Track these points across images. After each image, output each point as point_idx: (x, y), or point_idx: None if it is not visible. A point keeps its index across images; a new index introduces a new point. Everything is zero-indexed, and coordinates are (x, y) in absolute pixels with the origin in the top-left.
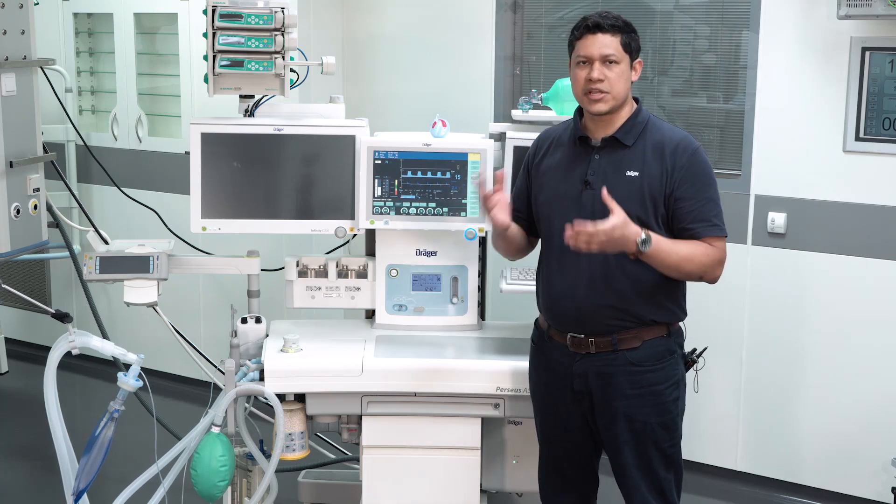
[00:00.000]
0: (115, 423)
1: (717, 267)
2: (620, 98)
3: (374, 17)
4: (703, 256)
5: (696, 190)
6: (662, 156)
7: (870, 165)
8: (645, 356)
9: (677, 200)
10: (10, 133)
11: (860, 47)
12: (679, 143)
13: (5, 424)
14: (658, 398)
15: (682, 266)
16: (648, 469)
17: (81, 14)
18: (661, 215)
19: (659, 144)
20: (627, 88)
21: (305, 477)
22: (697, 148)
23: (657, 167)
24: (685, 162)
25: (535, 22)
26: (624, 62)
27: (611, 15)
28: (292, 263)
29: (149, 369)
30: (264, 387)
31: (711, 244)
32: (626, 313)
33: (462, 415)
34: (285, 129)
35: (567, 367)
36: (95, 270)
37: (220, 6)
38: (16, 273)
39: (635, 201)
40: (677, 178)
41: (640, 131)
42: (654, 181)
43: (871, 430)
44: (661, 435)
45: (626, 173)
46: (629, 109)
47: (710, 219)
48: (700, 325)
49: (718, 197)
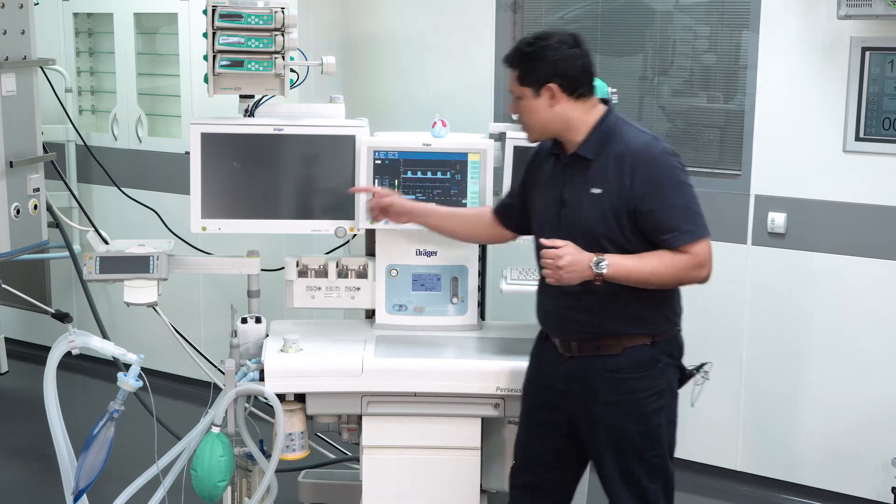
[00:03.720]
0: (115, 423)
1: (696, 270)
2: (539, 129)
3: (374, 17)
4: (674, 265)
5: (658, 201)
6: (622, 169)
7: (870, 165)
8: (625, 364)
9: (644, 215)
10: (10, 133)
11: (860, 47)
12: (637, 153)
13: (5, 424)
14: (637, 406)
15: (654, 279)
16: (630, 478)
17: (81, 14)
18: (630, 230)
19: (620, 156)
20: (545, 119)
21: (305, 477)
22: (657, 155)
23: (617, 182)
24: (644, 174)
25: (535, 22)
26: (526, 96)
27: (514, 46)
28: (292, 263)
29: (149, 369)
30: (264, 387)
31: (686, 251)
32: (599, 327)
33: (462, 415)
34: (285, 129)
35: (555, 369)
36: (95, 270)
37: (220, 6)
38: (16, 273)
39: (599, 219)
40: (638, 194)
41: (604, 141)
42: (615, 197)
43: (871, 430)
44: (642, 444)
45: (590, 190)
46: (589, 121)
47: (679, 227)
48: (700, 324)
49: (689, 198)
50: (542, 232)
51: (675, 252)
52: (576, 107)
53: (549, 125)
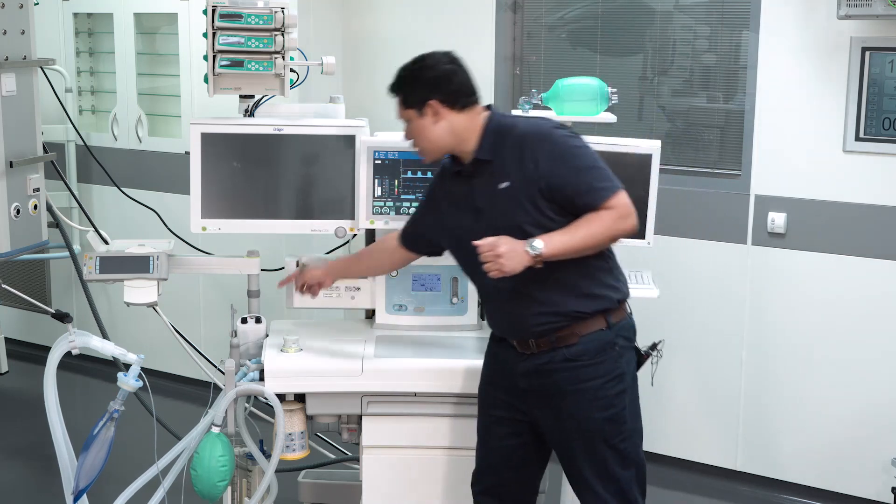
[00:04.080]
0: (115, 423)
1: (623, 221)
2: (434, 147)
3: (374, 17)
4: (601, 222)
5: (566, 171)
6: (521, 155)
7: (870, 165)
8: (581, 351)
9: (558, 189)
10: (10, 133)
11: (860, 47)
12: (530, 136)
13: (5, 424)
14: (598, 392)
15: (590, 241)
16: (602, 467)
17: (81, 14)
18: (547, 210)
19: (515, 145)
20: (436, 136)
21: (305, 477)
22: (550, 129)
23: (520, 169)
24: (543, 153)
25: (535, 22)
26: (412, 119)
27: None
28: (292, 263)
29: (149, 369)
30: (264, 387)
31: (608, 207)
32: (555, 316)
33: (462, 415)
34: (285, 129)
35: (513, 367)
36: (95, 270)
37: (220, 6)
38: (16, 273)
39: (516, 209)
40: (544, 171)
41: (496, 139)
42: (524, 183)
43: (871, 430)
44: (609, 430)
45: (498, 187)
46: (474, 131)
47: (594, 185)
48: (700, 324)
49: (592, 159)
50: (462, 246)
51: (598, 211)
52: (461, 118)
53: (440, 141)
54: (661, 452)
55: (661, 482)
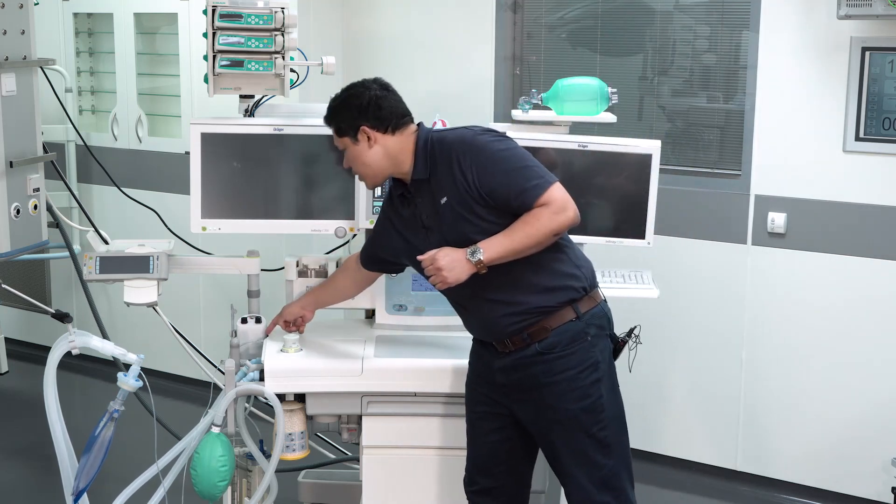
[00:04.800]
0: (115, 423)
1: (560, 215)
2: (371, 173)
3: (374, 17)
4: (538, 221)
5: (495, 174)
6: (451, 167)
7: (870, 165)
8: (553, 343)
9: (491, 193)
10: (10, 133)
11: (860, 47)
12: (455, 147)
13: (5, 424)
14: (573, 383)
15: (531, 241)
16: (583, 457)
17: (81, 14)
18: (487, 216)
19: (445, 157)
20: (371, 161)
21: (305, 477)
22: (471, 139)
23: (452, 181)
24: (470, 161)
25: (535, 22)
26: (347, 146)
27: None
28: (292, 263)
29: (149, 369)
30: (264, 387)
31: (540, 204)
32: (522, 314)
33: (462, 415)
34: (285, 129)
35: (491, 365)
36: (95, 270)
37: (220, 6)
38: (16, 273)
39: (458, 221)
40: (475, 179)
41: (428, 156)
42: (460, 194)
43: (871, 430)
44: (586, 420)
45: (440, 202)
46: (408, 152)
47: (524, 185)
48: (700, 324)
49: (518, 158)
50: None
51: (533, 209)
52: (393, 140)
53: (376, 165)
54: (661, 452)
55: (661, 482)
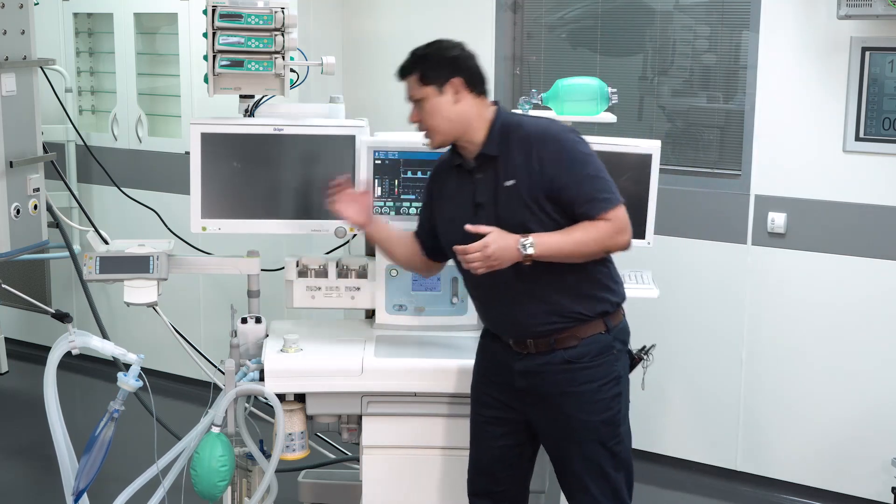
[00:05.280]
0: (115, 423)
1: (617, 236)
2: (444, 129)
3: (374, 17)
4: (597, 233)
5: (570, 175)
6: (529, 154)
7: (870, 165)
8: (581, 353)
9: (560, 191)
10: (10, 133)
11: (860, 47)
12: (539, 137)
13: (5, 424)
14: (596, 395)
15: (580, 250)
16: (597, 469)
17: (81, 14)
18: (550, 211)
19: (522, 144)
20: (450, 117)
21: (305, 477)
22: (559, 132)
23: (527, 167)
24: (550, 152)
25: (535, 22)
26: (429, 97)
27: (412, 52)
28: (292, 263)
29: (149, 369)
30: (264, 387)
31: (605, 219)
32: (556, 316)
33: (462, 415)
34: (285, 129)
35: (509, 366)
36: (95, 270)
37: (220, 6)
38: (16, 273)
39: (520, 207)
40: (550, 172)
41: (504, 136)
42: (529, 182)
43: (871, 430)
44: (605, 432)
45: (504, 184)
46: (485, 121)
47: (595, 195)
48: (700, 324)
49: (598, 168)
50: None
51: (595, 221)
52: (475, 105)
53: (455, 122)
54: (661, 452)
55: (661, 482)
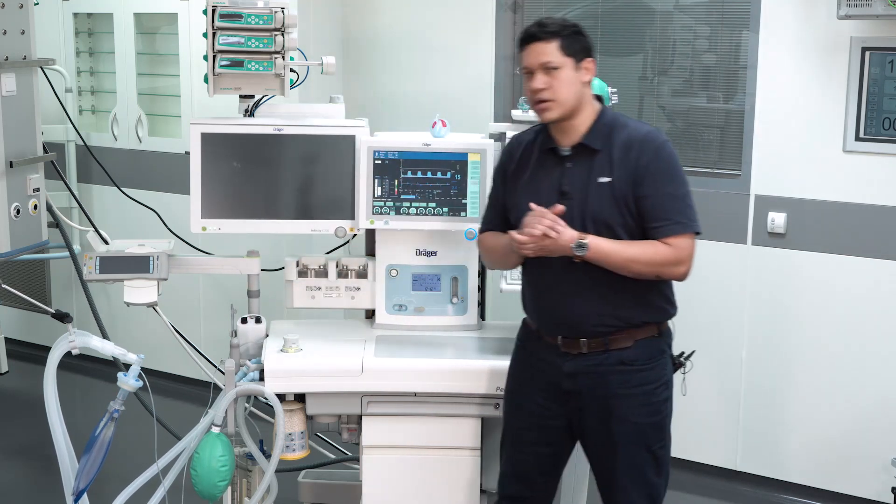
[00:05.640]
0: (115, 423)
1: (673, 266)
2: (569, 103)
3: (374, 17)
4: (654, 256)
5: (656, 187)
6: (629, 155)
7: (870, 165)
8: (636, 355)
9: (640, 198)
10: (10, 133)
11: (860, 47)
12: (643, 139)
13: (5, 424)
14: (649, 398)
15: (630, 266)
16: (639, 472)
17: (81, 14)
18: (635, 215)
19: (626, 144)
20: (577, 92)
21: (305, 477)
22: (663, 143)
23: (626, 168)
24: (648, 159)
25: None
26: (566, 67)
27: (549, 21)
28: (292, 263)
29: (149, 369)
30: (264, 387)
31: (669, 243)
32: (614, 317)
33: (462, 415)
34: (285, 129)
35: (557, 367)
36: (95, 270)
37: (220, 6)
38: (16, 273)
39: (610, 207)
40: (640, 175)
41: (607, 133)
42: (624, 184)
43: (870, 430)
44: (652, 436)
45: (598, 180)
46: (592, 112)
47: (671, 217)
48: (700, 324)
49: (685, 192)
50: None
51: (659, 242)
52: (590, 94)
53: (577, 100)
54: None
55: None
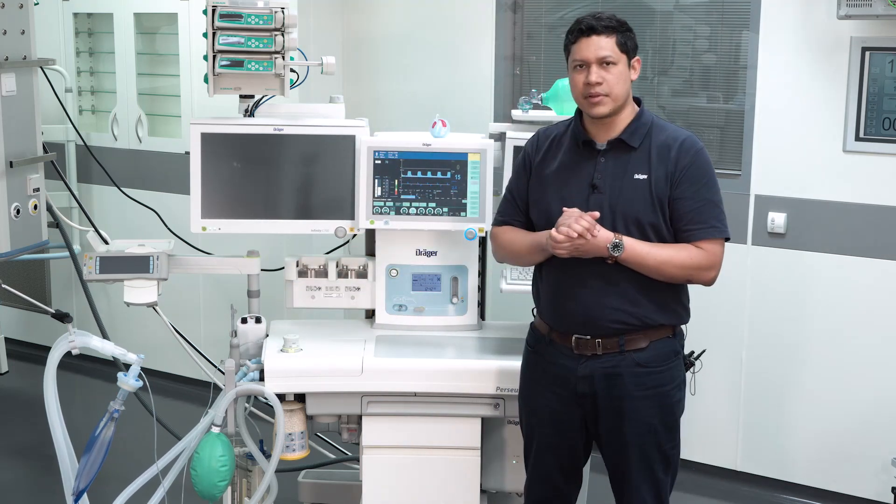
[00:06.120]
0: (115, 423)
1: (705, 271)
2: (621, 99)
3: (374, 17)
4: (687, 260)
5: (693, 190)
6: (667, 156)
7: (870, 165)
8: (651, 357)
9: (675, 200)
10: (10, 133)
11: (860, 47)
12: (683, 142)
13: (5, 424)
14: (664, 399)
15: (662, 269)
16: (650, 470)
17: (81, 14)
18: (667, 216)
19: (664, 145)
20: (627, 89)
21: (305, 477)
22: (701, 149)
23: (663, 168)
24: (687, 162)
25: (535, 22)
26: (621, 62)
27: (604, 16)
28: (292, 263)
29: (149, 369)
30: (264, 387)
31: (701, 247)
32: (633, 316)
33: (462, 415)
34: (285, 129)
35: (570, 370)
36: (95, 270)
37: (220, 6)
38: (16, 273)
39: (644, 204)
40: (678, 178)
41: (645, 132)
42: (661, 183)
43: (870, 429)
44: (665, 436)
45: (633, 176)
46: (631, 110)
47: (706, 221)
48: (700, 324)
49: (719, 199)
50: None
51: (691, 246)
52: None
53: (625, 98)
54: None
55: None
